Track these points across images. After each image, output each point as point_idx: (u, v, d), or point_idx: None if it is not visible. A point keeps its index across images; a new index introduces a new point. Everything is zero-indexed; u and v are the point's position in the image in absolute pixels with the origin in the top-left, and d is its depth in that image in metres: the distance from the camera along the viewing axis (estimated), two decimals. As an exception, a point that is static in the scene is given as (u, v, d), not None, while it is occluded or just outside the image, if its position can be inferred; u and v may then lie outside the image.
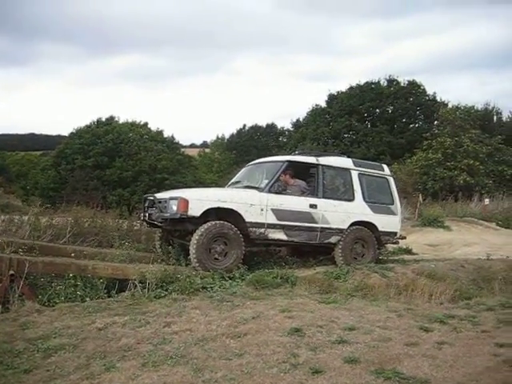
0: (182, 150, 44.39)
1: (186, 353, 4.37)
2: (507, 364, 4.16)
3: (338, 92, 39.54)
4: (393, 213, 9.04)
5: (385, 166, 9.39)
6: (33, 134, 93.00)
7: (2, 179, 42.59)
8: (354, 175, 8.67)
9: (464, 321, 5.51)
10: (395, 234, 9.08)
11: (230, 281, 6.87)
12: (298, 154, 9.18)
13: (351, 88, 38.74)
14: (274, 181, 7.93)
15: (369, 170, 8.98)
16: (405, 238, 9.74)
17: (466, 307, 6.24)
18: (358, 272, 7.54)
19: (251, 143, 49.90)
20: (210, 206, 7.31)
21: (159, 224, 7.89)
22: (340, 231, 8.32)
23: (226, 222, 7.35)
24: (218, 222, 7.30)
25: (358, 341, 4.66)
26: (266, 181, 8.04)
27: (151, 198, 8.04)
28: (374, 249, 8.63)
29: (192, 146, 74.48)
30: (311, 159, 8.50)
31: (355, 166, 8.82)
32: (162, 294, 6.27)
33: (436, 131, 30.20)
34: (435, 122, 34.10)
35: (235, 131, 52.76)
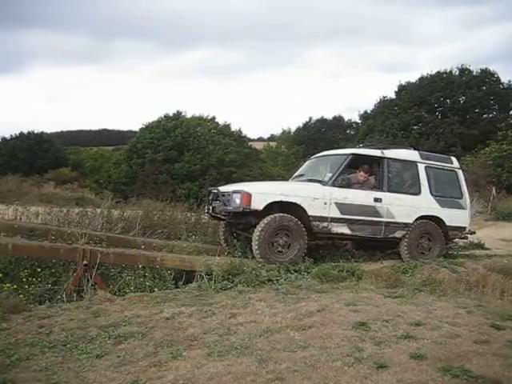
0: (250, 143, 44.72)
1: (251, 344, 4.43)
2: None
3: (407, 83, 38.56)
4: (461, 207, 8.76)
5: (453, 159, 9.10)
6: (105, 130, 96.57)
7: (76, 174, 44.58)
8: (421, 168, 8.46)
9: (539, 319, 5.28)
10: (464, 228, 8.81)
11: (296, 274, 6.89)
12: (363, 146, 9.04)
13: (421, 78, 37.66)
14: (338, 174, 7.86)
15: (436, 163, 8.74)
16: (474, 232, 9.41)
17: (541, 305, 5.97)
18: (426, 267, 7.37)
19: (318, 136, 49.59)
20: (272, 200, 7.35)
21: (223, 217, 8.02)
22: (405, 226, 8.15)
23: (286, 215, 7.38)
24: (278, 214, 7.33)
25: (425, 337, 4.55)
26: (330, 174, 7.99)
27: (215, 191, 8.18)
28: (442, 243, 8.41)
29: (260, 139, 74.94)
30: (376, 152, 8.36)
31: (422, 158, 8.59)
32: (228, 286, 6.38)
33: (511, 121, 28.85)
34: (511, 112, 32.54)
35: (301, 124, 52.59)
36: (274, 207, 7.48)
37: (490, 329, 4.88)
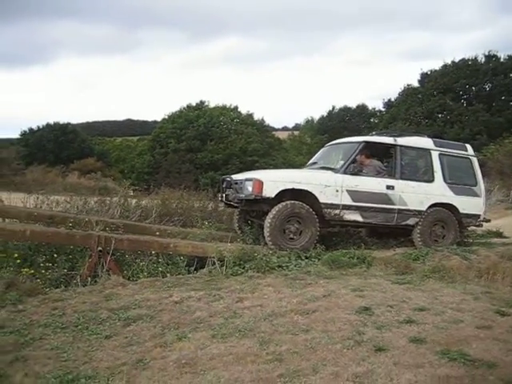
0: (274, 132, 44.80)
1: (255, 327, 4.53)
2: None
3: (431, 70, 38.02)
4: (476, 194, 8.71)
5: (468, 146, 9.03)
6: (130, 120, 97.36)
7: (101, 164, 45.26)
8: (435, 156, 8.43)
9: (546, 306, 5.26)
10: (478, 216, 8.75)
11: (307, 260, 6.98)
12: (376, 134, 9.04)
13: (445, 66, 37.07)
14: (350, 162, 7.89)
15: (450, 151, 8.69)
16: (489, 220, 9.34)
17: (550, 292, 5.93)
18: (438, 254, 7.38)
19: (342, 125, 49.26)
20: (284, 188, 7.43)
21: (235, 204, 8.13)
22: (418, 213, 8.15)
23: (297, 202, 7.44)
24: (289, 202, 7.40)
25: (427, 321, 4.60)
26: (342, 162, 8.03)
27: (228, 179, 8.28)
28: (456, 231, 8.38)
29: (284, 128, 74.83)
30: (389, 140, 8.37)
31: (436, 146, 8.57)
32: (239, 272, 6.50)
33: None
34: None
35: (325, 113, 52.28)
36: (286, 195, 7.55)
37: (494, 315, 4.89)
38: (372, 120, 48.71)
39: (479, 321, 4.68)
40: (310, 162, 9.26)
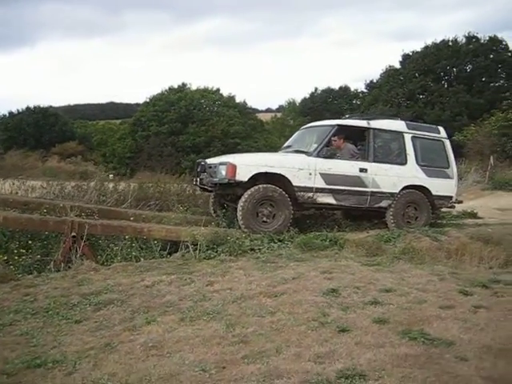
0: (258, 114, 44.68)
1: (223, 310, 4.60)
2: (541, 328, 4.11)
3: (413, 52, 38.06)
4: (448, 176, 8.84)
5: (441, 129, 9.13)
6: (113, 103, 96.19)
7: (83, 147, 44.87)
8: (407, 138, 8.53)
9: (509, 285, 5.39)
10: (450, 197, 8.90)
11: (279, 243, 7.06)
12: (349, 117, 9.10)
13: (426, 47, 37.12)
14: (324, 145, 7.95)
15: (423, 133, 8.81)
16: (461, 202, 9.52)
17: (516, 272, 6.09)
18: (410, 235, 7.50)
19: (324, 107, 49.22)
20: (257, 171, 7.48)
21: (210, 189, 8.17)
22: (391, 195, 8.27)
23: (269, 185, 7.52)
24: (262, 185, 7.47)
25: (392, 302, 4.70)
26: (316, 145, 8.09)
27: (203, 163, 8.30)
28: (428, 212, 8.53)
29: (268, 110, 74.55)
30: (362, 123, 8.44)
31: (408, 128, 8.67)
32: (212, 255, 6.57)
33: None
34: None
35: (308, 95, 52.14)
36: (260, 178, 7.61)
37: (458, 295, 5.01)
38: (354, 102, 48.75)
39: (442, 301, 4.80)
40: (285, 145, 9.33)
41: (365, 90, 45.02)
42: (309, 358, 3.60)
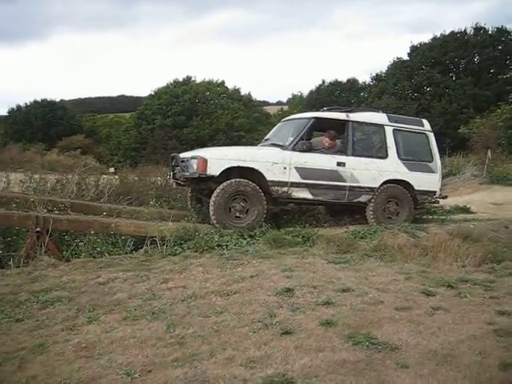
0: (268, 107, 44.42)
1: (170, 309, 4.44)
2: (496, 333, 3.88)
3: (420, 43, 37.47)
4: (431, 171, 8.56)
5: (425, 121, 8.84)
6: (123, 96, 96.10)
7: (90, 141, 44.95)
8: (388, 131, 8.25)
9: (477, 285, 5.18)
10: (434, 192, 8.62)
11: (249, 239, 6.85)
12: (328, 110, 8.84)
13: (434, 39, 36.52)
14: (300, 138, 7.72)
15: (406, 126, 8.51)
16: (446, 197, 9.18)
17: (488, 271, 5.84)
18: (387, 232, 7.24)
19: (331, 99, 48.68)
20: (229, 165, 7.29)
21: (182, 183, 8.00)
22: (371, 190, 8.02)
23: (242, 180, 7.31)
24: (234, 180, 7.27)
25: (346, 303, 4.49)
26: (292, 138, 7.86)
27: (177, 157, 8.12)
28: (410, 208, 8.28)
29: (278, 103, 74.11)
30: (341, 115, 8.18)
31: (390, 121, 8.37)
32: (178, 252, 6.40)
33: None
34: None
35: (314, 88, 51.58)
36: (234, 173, 7.42)
37: (419, 295, 4.81)
38: (362, 94, 48.13)
39: (400, 302, 4.59)
40: (265, 138, 9.11)
41: (371, 83, 44.34)
42: (241, 363, 3.43)
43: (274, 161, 7.48)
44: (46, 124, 47.77)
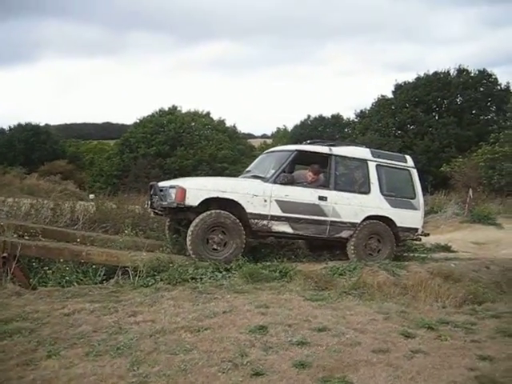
0: (253, 140, 44.55)
1: (136, 344, 4.19)
2: (478, 380, 3.70)
3: (405, 82, 38.08)
4: (414, 207, 8.47)
5: (408, 158, 8.81)
6: (108, 123, 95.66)
7: (73, 166, 44.53)
8: (371, 166, 8.18)
9: (458, 328, 4.99)
10: (416, 230, 8.51)
11: (225, 272, 6.63)
12: (311, 143, 8.76)
13: (418, 78, 37.18)
14: (281, 171, 7.61)
15: (389, 162, 8.46)
16: (428, 234, 9.08)
17: (470, 313, 5.66)
18: (367, 269, 7.07)
19: (315, 134, 49.03)
20: (208, 196, 7.13)
21: (159, 212, 7.81)
22: (352, 225, 7.89)
23: (222, 211, 7.14)
24: (213, 211, 7.09)
25: (322, 343, 4.29)
26: (273, 171, 7.73)
27: (155, 185, 7.94)
28: (392, 245, 8.15)
29: (263, 136, 74.37)
30: (323, 149, 8.11)
31: (373, 156, 8.31)
32: (150, 283, 6.15)
33: (504, 123, 28.38)
34: (507, 114, 31.98)
35: (299, 122, 51.98)
36: (214, 204, 7.25)
37: (398, 337, 4.61)
38: (346, 130, 48.56)
39: (378, 344, 4.39)
40: (246, 170, 8.99)
41: (355, 119, 44.83)
42: (206, 406, 3.19)
43: (255, 193, 7.33)
44: (28, 148, 47.30)
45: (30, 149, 47.22)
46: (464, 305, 6.11)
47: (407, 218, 8.36)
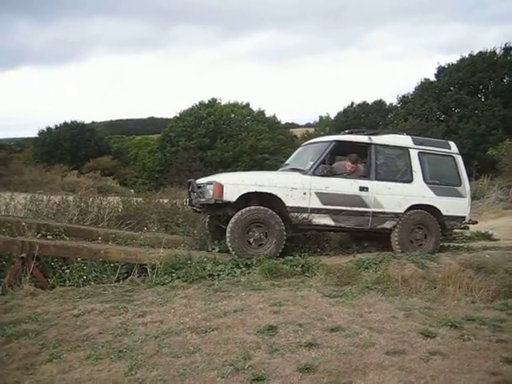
0: (297, 129, 44.11)
1: (139, 347, 4.07)
2: (500, 387, 3.38)
3: (448, 64, 36.71)
4: (460, 195, 8.13)
5: (452, 143, 8.43)
6: (153, 118, 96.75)
7: (117, 162, 45.31)
8: (413, 154, 7.91)
9: (484, 325, 4.62)
10: (463, 218, 8.17)
11: (244, 268, 6.47)
12: (349, 132, 8.46)
13: (462, 59, 35.74)
14: (320, 162, 7.42)
15: (432, 149, 8.15)
16: (476, 222, 8.67)
17: (500, 308, 5.26)
18: (394, 261, 6.72)
19: (358, 121, 48.15)
20: (246, 191, 7.03)
21: (198, 209, 7.70)
22: (395, 216, 7.64)
23: (261, 207, 7.03)
24: (252, 207, 7.00)
25: (332, 345, 4.04)
26: (312, 162, 7.53)
27: (193, 182, 7.84)
28: (438, 235, 7.88)
29: (307, 125, 73.71)
30: (363, 138, 7.88)
31: (415, 144, 8.02)
32: (166, 281, 6.05)
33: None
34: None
35: (342, 110, 51.03)
36: (253, 199, 7.15)
37: (416, 336, 4.30)
38: (390, 116, 47.32)
39: (394, 344, 4.10)
40: (284, 163, 8.84)
41: (398, 105, 43.50)
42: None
43: (294, 186, 7.18)
44: (74, 145, 48.27)
45: (76, 146, 48.20)
46: (496, 299, 5.72)
47: (453, 206, 8.05)
